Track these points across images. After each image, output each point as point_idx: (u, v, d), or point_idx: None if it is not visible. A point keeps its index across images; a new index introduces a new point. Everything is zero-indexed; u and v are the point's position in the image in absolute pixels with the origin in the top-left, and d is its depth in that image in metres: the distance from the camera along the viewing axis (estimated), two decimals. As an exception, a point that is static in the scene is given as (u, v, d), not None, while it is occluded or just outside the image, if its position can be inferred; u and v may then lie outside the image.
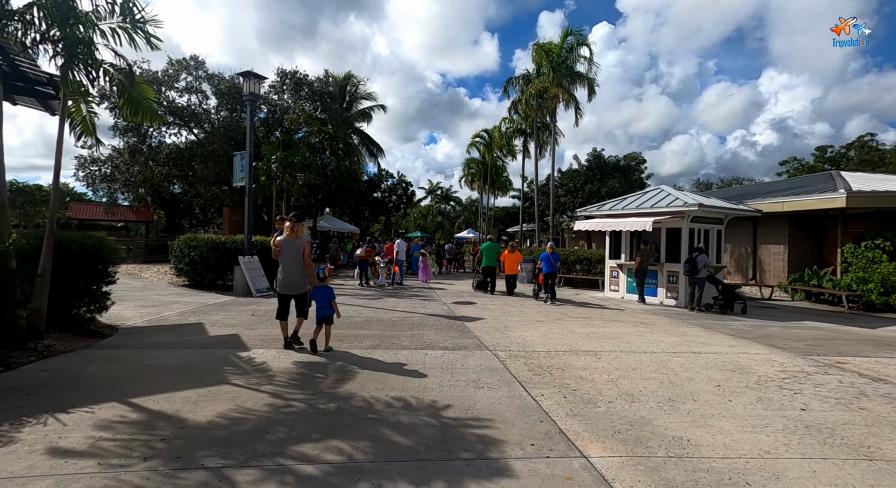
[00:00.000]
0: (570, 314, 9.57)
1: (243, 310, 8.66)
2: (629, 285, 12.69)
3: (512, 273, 13.18)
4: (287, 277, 5.64)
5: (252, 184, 11.84)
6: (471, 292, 13.45)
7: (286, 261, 5.63)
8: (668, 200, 11.58)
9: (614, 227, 11.93)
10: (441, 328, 7.55)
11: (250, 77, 11.51)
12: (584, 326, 8.06)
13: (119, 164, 23.18)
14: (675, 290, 11.56)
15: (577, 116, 21.66)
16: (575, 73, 20.96)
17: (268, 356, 5.36)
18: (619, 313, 9.78)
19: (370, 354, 5.60)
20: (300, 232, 5.72)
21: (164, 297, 10.13)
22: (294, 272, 5.63)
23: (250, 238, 11.85)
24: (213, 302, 9.75)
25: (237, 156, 12.20)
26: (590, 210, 13.67)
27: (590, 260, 16.06)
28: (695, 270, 10.28)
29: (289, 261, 5.62)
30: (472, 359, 5.51)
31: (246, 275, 11.34)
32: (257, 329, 6.88)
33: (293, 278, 5.64)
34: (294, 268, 5.63)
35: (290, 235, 5.62)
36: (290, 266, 5.63)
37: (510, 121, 26.54)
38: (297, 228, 5.66)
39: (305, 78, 25.99)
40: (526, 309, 10.19)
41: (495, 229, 46.96)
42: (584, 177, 23.66)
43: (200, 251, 11.56)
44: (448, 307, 10.19)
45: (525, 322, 8.39)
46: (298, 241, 5.63)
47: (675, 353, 6.08)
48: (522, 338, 6.92)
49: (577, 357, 5.78)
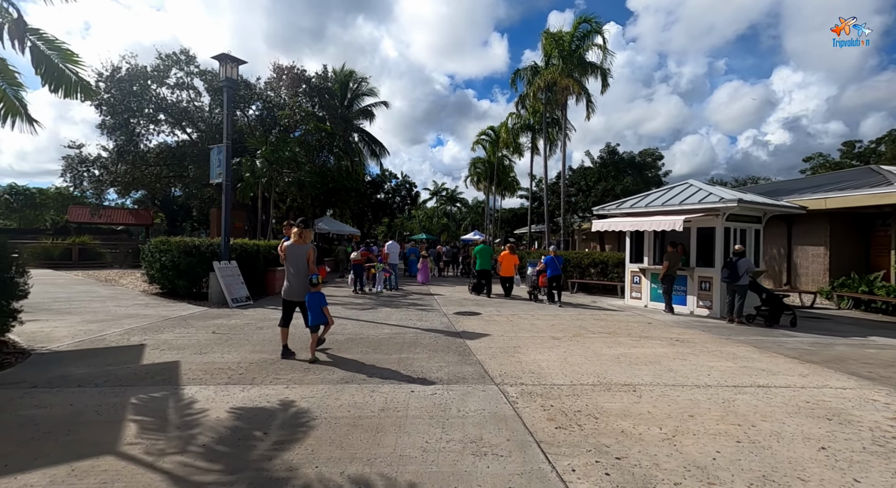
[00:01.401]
0: (589, 327, 8.19)
1: (206, 326, 7.38)
2: (653, 292, 11.27)
3: (508, 275, 12.81)
4: (293, 283, 5.53)
5: (229, 181, 10.60)
6: (475, 300, 12.11)
7: (292, 267, 5.51)
8: (699, 196, 10.16)
9: (637, 227, 10.52)
10: (437, 349, 6.21)
11: (226, 60, 10.27)
12: (610, 345, 6.67)
13: (107, 164, 22.14)
14: (707, 298, 10.12)
15: (589, 110, 20.24)
16: (587, 63, 19.55)
17: (202, 396, 4.05)
18: (647, 327, 8.38)
19: (339, 392, 4.28)
20: (308, 237, 5.64)
21: (123, 309, 8.88)
22: (300, 279, 5.52)
23: (227, 241, 10.60)
24: (178, 314, 8.48)
25: (214, 149, 10.96)
26: (608, 208, 12.27)
27: (606, 263, 14.62)
28: (735, 276, 8.85)
29: (295, 267, 5.50)
30: (473, 400, 4.16)
31: (221, 282, 10.08)
32: (208, 353, 5.58)
33: (299, 284, 5.53)
34: (300, 275, 5.51)
35: (297, 241, 5.54)
36: (295, 272, 5.51)
37: (517, 116, 25.14)
38: (304, 234, 5.58)
39: (303, 73, 24.84)
40: (538, 321, 8.82)
41: (502, 231, 45.55)
42: (597, 174, 22.18)
43: (172, 256, 10.32)
44: (448, 319, 8.85)
45: (538, 339, 7.02)
46: (304, 247, 5.54)
47: (737, 388, 4.69)
48: (537, 363, 5.56)
49: (610, 394, 4.40)
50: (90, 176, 22.57)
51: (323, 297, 5.59)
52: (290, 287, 5.56)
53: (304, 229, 5.59)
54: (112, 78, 19.93)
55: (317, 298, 5.50)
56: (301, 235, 5.55)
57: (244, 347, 5.95)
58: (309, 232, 5.69)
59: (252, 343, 6.20)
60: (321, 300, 5.53)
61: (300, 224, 5.62)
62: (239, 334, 6.81)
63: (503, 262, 12.91)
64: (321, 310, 5.49)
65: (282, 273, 14.03)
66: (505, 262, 12.91)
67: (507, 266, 12.87)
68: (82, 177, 22.38)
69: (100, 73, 20.24)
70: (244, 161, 14.77)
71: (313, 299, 5.48)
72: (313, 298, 5.49)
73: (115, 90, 20.16)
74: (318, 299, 5.50)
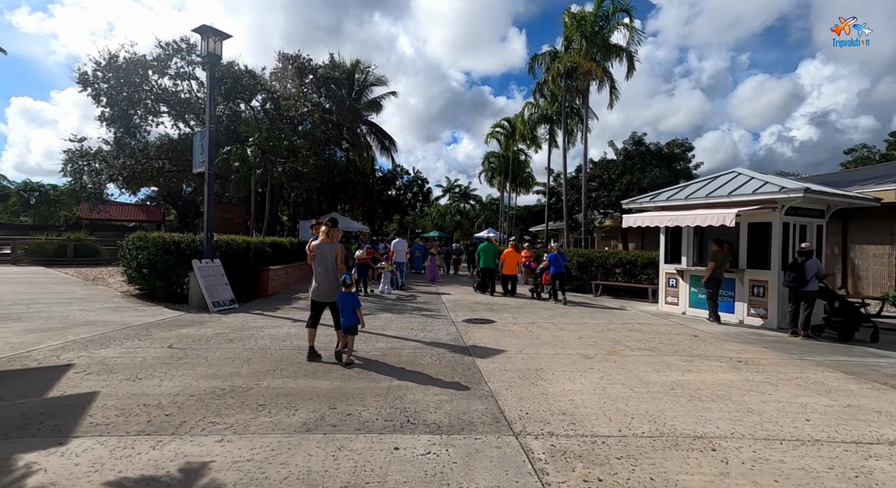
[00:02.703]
0: (625, 341, 6.81)
1: (167, 338, 6.20)
2: (693, 297, 9.81)
3: (510, 273, 12.58)
4: (322, 284, 5.38)
5: (212, 170, 9.46)
6: (487, 303, 10.80)
7: (320, 267, 5.36)
8: (752, 186, 8.67)
9: (677, 222, 9.08)
10: (440, 371, 4.92)
11: (208, 33, 9.12)
12: (657, 368, 5.31)
13: (108, 158, 21.32)
14: (761, 305, 8.64)
15: (613, 97, 18.70)
16: (611, 45, 18.00)
17: (86, 462, 2.81)
18: (695, 342, 6.96)
19: (292, 450, 3.02)
20: (335, 236, 5.50)
21: (85, 315, 7.79)
22: (328, 278, 5.36)
23: (210, 237, 9.46)
24: (144, 321, 7.35)
25: (197, 135, 9.82)
26: (640, 201, 10.82)
27: (634, 263, 13.15)
28: (801, 280, 7.37)
29: (323, 267, 5.35)
30: (483, 466, 2.86)
31: (201, 283, 8.94)
32: (145, 380, 4.37)
33: (328, 285, 5.37)
34: (329, 275, 5.36)
35: (325, 240, 5.41)
36: (324, 272, 5.35)
37: (535, 105, 23.61)
38: (332, 233, 5.44)
39: (309, 62, 23.70)
40: (561, 332, 7.47)
41: (517, 229, 44.04)
42: (621, 166, 20.56)
43: (148, 253, 9.22)
44: (456, 329, 7.56)
45: (565, 358, 5.68)
46: (333, 246, 5.41)
47: (860, 446, 3.30)
48: (568, 396, 4.24)
49: (680, 457, 3.06)
50: (90, 170, 21.78)
51: (356, 299, 5.34)
52: (318, 287, 5.39)
53: (333, 228, 5.45)
54: (109, 66, 19.05)
55: (349, 299, 5.26)
56: (329, 234, 5.41)
57: (196, 369, 4.75)
58: (337, 231, 5.56)
59: (209, 363, 5.00)
60: (354, 301, 5.28)
61: (328, 223, 5.50)
62: (200, 349, 5.61)
63: (506, 260, 12.57)
64: (354, 312, 5.22)
65: (275, 273, 12.94)
66: (508, 260, 12.57)
67: (510, 264, 12.58)
68: (82, 172, 21.60)
69: (98, 62, 19.40)
70: (234, 149, 13.64)
71: (346, 300, 5.26)
72: (346, 299, 5.26)
73: (112, 79, 19.29)
74: (350, 300, 5.26)
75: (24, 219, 48.81)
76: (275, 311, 8.95)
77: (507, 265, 12.60)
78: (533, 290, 12.41)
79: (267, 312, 8.80)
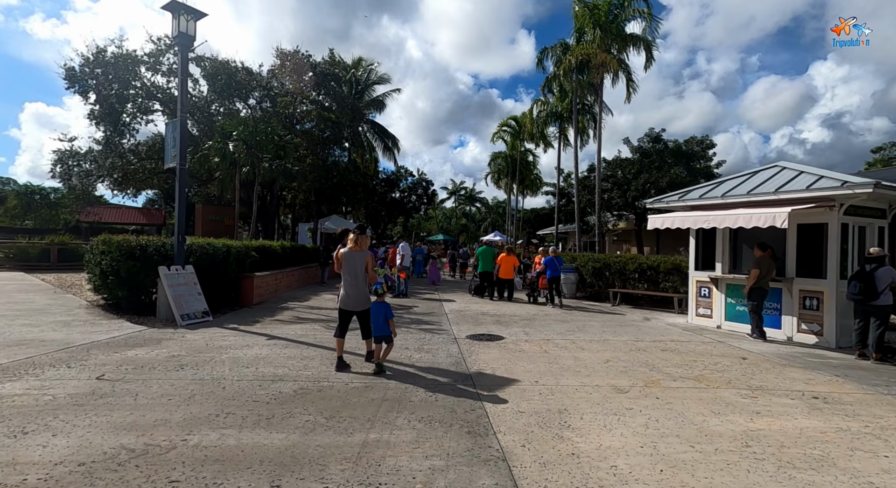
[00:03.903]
0: (661, 365, 5.63)
1: (103, 366, 5.09)
2: (730, 309, 8.60)
3: (507, 277, 12.51)
4: (350, 293, 5.20)
5: (184, 164, 8.39)
6: (495, 314, 9.64)
7: (349, 276, 5.18)
8: (805, 181, 7.46)
9: (715, 223, 7.87)
10: (433, 418, 3.77)
11: (180, 11, 8.07)
12: (714, 407, 4.12)
13: (97, 157, 20.40)
14: (814, 321, 7.42)
15: (630, 90, 17.47)
16: (627, 35, 16.83)
17: None
18: (748, 367, 5.76)
19: None
20: (364, 244, 5.33)
21: (27, 330, 6.72)
22: (358, 287, 5.20)
23: (182, 240, 8.38)
24: (92, 340, 6.26)
25: (168, 126, 8.77)
26: (667, 201, 9.61)
27: (656, 269, 11.93)
28: (871, 293, 6.14)
29: (352, 276, 5.17)
30: None
31: (168, 293, 7.85)
32: (30, 435, 3.23)
33: (357, 293, 5.20)
34: (358, 283, 5.19)
35: (353, 248, 5.25)
36: (353, 280, 5.18)
37: (544, 102, 22.40)
38: (361, 241, 5.27)
39: (309, 58, 22.73)
40: (582, 353, 6.29)
41: (524, 232, 42.83)
42: (638, 165, 19.27)
43: (111, 258, 8.15)
44: (459, 348, 6.41)
45: (594, 392, 4.51)
46: (362, 254, 5.25)
47: None
48: (607, 458, 3.07)
49: None
50: (80, 171, 20.88)
51: (389, 308, 5.18)
52: (346, 296, 5.23)
53: (362, 235, 5.29)
54: (97, 61, 18.14)
55: (382, 309, 5.14)
56: (358, 242, 5.24)
57: (114, 414, 3.63)
58: (366, 238, 5.39)
59: (136, 403, 3.88)
60: (387, 311, 5.14)
61: (356, 230, 5.35)
62: (137, 381, 4.50)
63: (502, 264, 12.47)
64: (385, 322, 5.10)
65: (262, 280, 11.82)
66: (504, 264, 12.47)
67: (507, 268, 12.49)
68: (71, 173, 20.70)
69: (86, 58, 18.49)
70: (213, 143, 12.56)
71: (378, 310, 5.15)
72: (378, 309, 5.15)
73: (101, 75, 18.38)
74: (383, 310, 5.13)
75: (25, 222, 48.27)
76: (252, 325, 7.84)
77: (504, 269, 12.48)
78: (530, 294, 12.46)
79: (243, 327, 7.70)
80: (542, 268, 11.77)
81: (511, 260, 12.63)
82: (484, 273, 12.80)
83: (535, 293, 12.34)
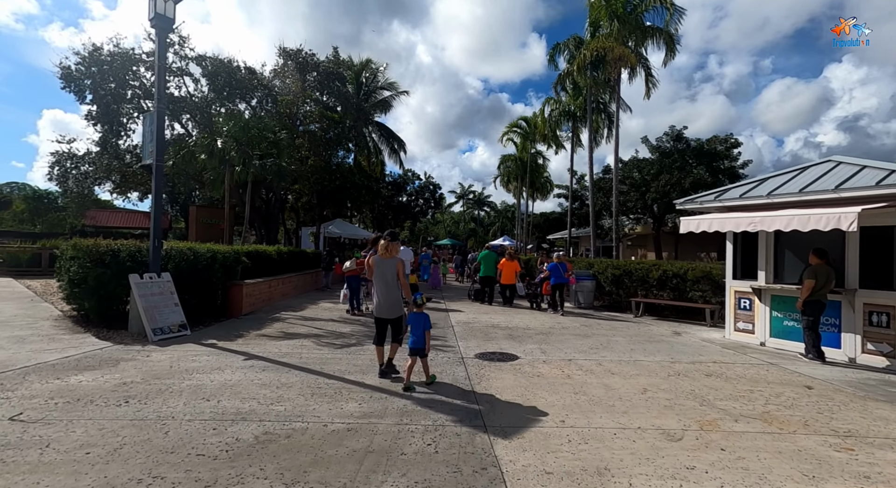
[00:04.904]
0: (713, 398, 4.61)
1: (32, 397, 4.19)
2: (776, 324, 7.54)
3: (508, 282, 12.36)
4: (381, 300, 5.08)
5: (161, 161, 7.56)
6: (506, 327, 8.65)
7: (381, 283, 5.08)
8: (872, 176, 6.40)
9: (763, 226, 6.82)
10: (430, 484, 2.81)
11: (156, -10, 7.26)
12: (800, 466, 3.11)
13: (95, 159, 19.79)
14: (883, 340, 6.34)
15: (649, 86, 16.43)
16: (646, 27, 15.83)
17: None
18: (821, 401, 4.71)
19: None
20: (395, 251, 5.20)
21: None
22: (389, 294, 5.06)
23: (158, 245, 7.53)
24: (38, 361, 5.38)
25: (146, 119, 7.94)
26: (701, 201, 8.57)
27: (683, 277, 10.87)
28: (967, 309, 5.07)
29: (384, 283, 5.06)
30: None
31: (139, 304, 6.98)
32: None
33: (387, 301, 5.06)
34: (390, 290, 5.06)
35: (384, 254, 5.13)
36: (385, 287, 5.06)
37: (556, 101, 21.43)
38: (391, 247, 5.14)
39: (312, 57, 21.97)
40: (613, 378, 5.29)
41: (533, 237, 41.72)
42: (657, 165, 18.12)
43: (79, 264, 7.32)
44: (466, 371, 5.45)
45: (638, 438, 3.52)
46: (393, 261, 5.12)
47: None
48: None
49: None
50: (77, 174, 20.28)
51: (427, 320, 5.01)
52: (378, 304, 5.15)
53: (392, 242, 5.20)
54: (93, 59, 17.53)
55: (421, 320, 4.96)
56: (388, 248, 5.17)
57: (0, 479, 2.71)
58: (397, 245, 5.31)
59: (39, 462, 2.96)
60: (425, 322, 4.98)
61: (387, 236, 5.28)
62: (60, 421, 3.60)
63: (504, 270, 12.37)
64: (424, 334, 4.91)
65: (253, 288, 10.88)
66: (505, 270, 12.36)
67: (508, 273, 12.37)
68: (68, 175, 20.11)
69: (83, 57, 17.90)
70: (200, 139, 11.76)
71: (417, 321, 4.97)
72: (417, 320, 4.97)
73: (97, 74, 17.77)
74: (422, 321, 4.96)
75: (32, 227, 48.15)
76: (233, 341, 6.94)
77: (506, 275, 12.39)
78: (532, 301, 12.27)
79: (222, 342, 6.80)
80: (546, 274, 11.51)
81: (512, 265, 12.50)
82: (485, 277, 12.76)
83: (537, 299, 12.04)
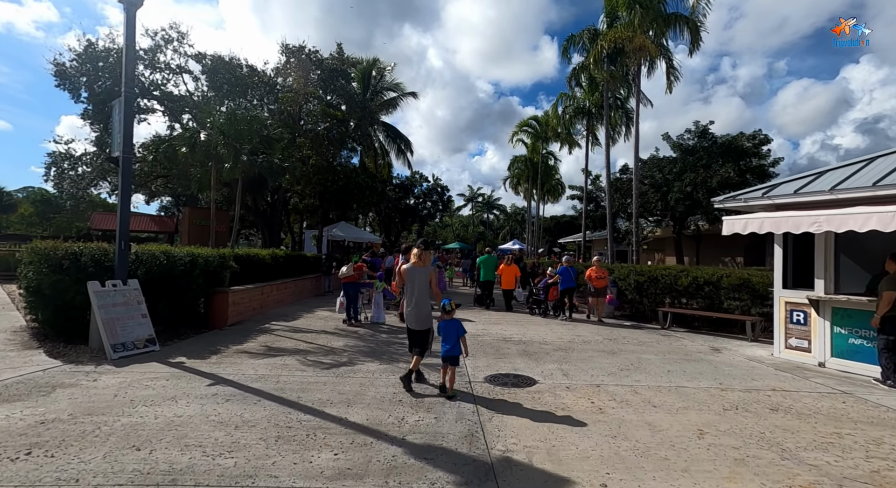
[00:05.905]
0: (790, 444, 3.55)
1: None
2: (838, 341, 6.43)
3: (508, 287, 12.30)
4: (414, 310, 4.99)
5: (129, 153, 6.67)
6: (521, 341, 7.60)
7: (411, 293, 5.01)
8: (968, 164, 5.30)
9: (829, 226, 5.72)
10: None
11: (123, -41, 6.40)
12: None
13: (90, 160, 19.14)
14: (982, 364, 5.20)
15: (671, 79, 15.31)
16: (667, 15, 14.77)
17: None
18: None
19: None
20: (427, 260, 5.15)
21: None
22: (419, 305, 4.97)
23: (125, 248, 6.63)
24: (-39, 385, 4.48)
25: (114, 107, 7.05)
26: (745, 198, 7.49)
27: (716, 285, 9.78)
28: None
29: (418, 292, 4.97)
30: None
31: (98, 316, 6.07)
32: None
33: (417, 312, 4.97)
34: (419, 301, 4.97)
35: (416, 263, 5.06)
36: (417, 297, 4.97)
37: (570, 97, 20.38)
38: (424, 256, 5.10)
39: (316, 54, 21.20)
40: (657, 412, 4.25)
41: (544, 240, 40.56)
42: (680, 164, 16.93)
43: (34, 270, 6.44)
44: (474, 406, 4.42)
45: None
46: (426, 270, 5.06)
47: None
48: None
49: None
50: (75, 175, 19.63)
51: (461, 326, 4.79)
52: (409, 314, 5.01)
53: (425, 251, 5.13)
54: (87, 55, 16.87)
55: (453, 326, 4.75)
56: (421, 257, 5.05)
57: None
58: (429, 253, 5.22)
59: None
60: (459, 328, 4.76)
61: (420, 245, 5.23)
62: None
63: (503, 275, 12.33)
64: (458, 341, 4.69)
65: (240, 295, 9.73)
66: (505, 275, 12.31)
67: (508, 278, 12.33)
68: (64, 176, 19.47)
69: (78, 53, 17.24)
70: (182, 132, 10.90)
71: (449, 328, 4.75)
72: (449, 327, 4.75)
73: (92, 72, 17.12)
74: (454, 328, 4.74)
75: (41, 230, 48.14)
76: (206, 359, 6.00)
77: (505, 280, 12.30)
78: (531, 306, 12.09)
79: (192, 361, 5.87)
80: (555, 278, 11.03)
81: (512, 270, 12.44)
82: (485, 282, 12.72)
83: (543, 305, 11.55)
